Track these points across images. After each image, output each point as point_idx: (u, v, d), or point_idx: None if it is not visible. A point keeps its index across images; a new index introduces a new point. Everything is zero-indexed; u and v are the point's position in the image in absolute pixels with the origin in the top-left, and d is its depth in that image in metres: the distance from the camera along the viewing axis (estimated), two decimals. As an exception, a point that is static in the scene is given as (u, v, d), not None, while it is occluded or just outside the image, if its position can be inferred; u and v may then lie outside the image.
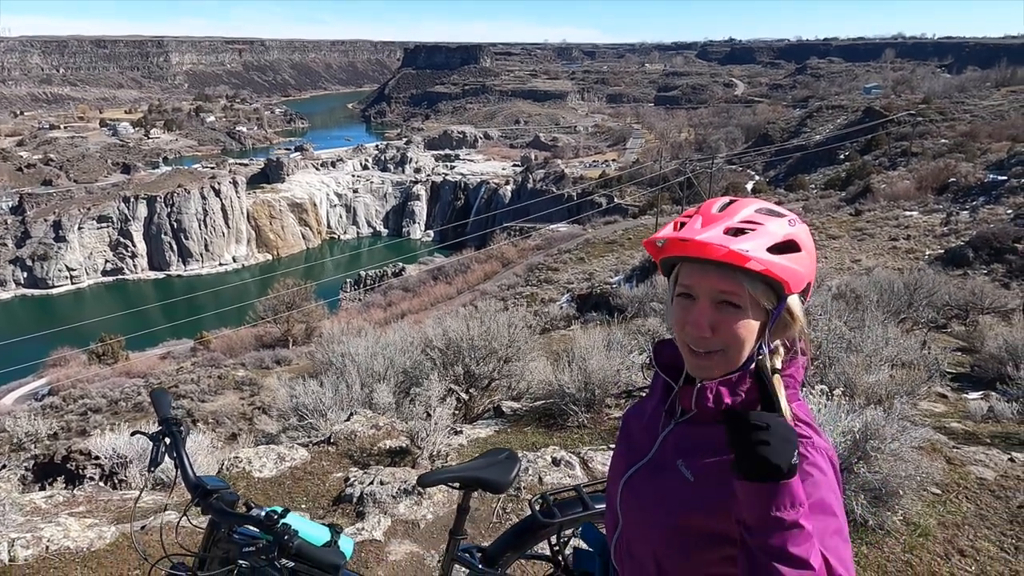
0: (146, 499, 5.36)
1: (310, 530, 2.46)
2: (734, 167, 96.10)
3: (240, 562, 2.39)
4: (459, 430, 6.63)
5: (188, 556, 2.55)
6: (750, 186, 75.78)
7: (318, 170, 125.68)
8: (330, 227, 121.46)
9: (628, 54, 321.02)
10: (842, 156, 79.66)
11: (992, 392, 8.11)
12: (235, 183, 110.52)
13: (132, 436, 6.32)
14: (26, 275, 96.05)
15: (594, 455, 5.65)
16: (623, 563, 1.79)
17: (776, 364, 1.57)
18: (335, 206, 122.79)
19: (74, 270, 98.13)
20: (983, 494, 5.01)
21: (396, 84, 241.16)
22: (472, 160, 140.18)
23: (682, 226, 1.59)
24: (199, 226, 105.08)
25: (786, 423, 1.38)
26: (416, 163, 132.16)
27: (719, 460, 1.54)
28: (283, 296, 39.65)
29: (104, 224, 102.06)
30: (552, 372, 7.85)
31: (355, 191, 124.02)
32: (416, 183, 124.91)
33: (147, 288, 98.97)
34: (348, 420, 6.57)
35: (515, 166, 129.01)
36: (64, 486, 6.18)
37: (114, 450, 6.41)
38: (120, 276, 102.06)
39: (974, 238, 25.61)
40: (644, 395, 1.91)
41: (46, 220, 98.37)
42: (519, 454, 3.87)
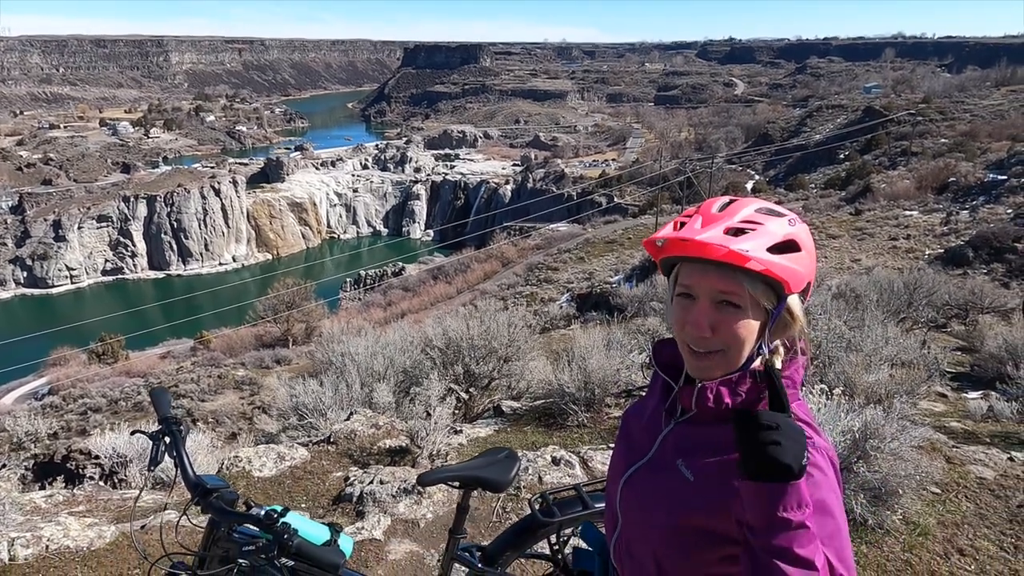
0: (146, 498, 5.36)
1: (310, 529, 2.46)
2: (734, 167, 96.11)
3: (240, 561, 2.39)
4: (459, 429, 6.63)
5: (188, 555, 2.55)
6: (750, 186, 75.75)
7: (318, 170, 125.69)
8: (330, 227, 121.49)
9: (628, 53, 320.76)
10: (842, 156, 79.66)
11: (992, 391, 8.10)
12: (235, 183, 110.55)
13: (132, 435, 6.36)
14: (26, 275, 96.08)
15: (594, 454, 5.65)
16: (623, 563, 1.78)
17: (776, 364, 1.57)
18: (335, 206, 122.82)
19: (74, 269, 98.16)
20: (983, 493, 5.01)
21: (396, 83, 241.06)
22: (472, 160, 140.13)
23: (682, 226, 1.58)
24: (199, 226, 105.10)
25: (796, 424, 1.38)
26: (416, 163, 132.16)
27: (720, 460, 1.54)
28: (283, 296, 39.64)
29: (104, 224, 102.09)
30: (552, 371, 7.85)
31: (355, 191, 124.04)
32: (416, 183, 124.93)
33: (147, 288, 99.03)
34: (348, 419, 6.57)
35: (515, 166, 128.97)
36: (64, 485, 6.18)
37: (114, 449, 6.41)
38: (120, 276, 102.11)
39: (974, 238, 25.61)
40: (644, 394, 1.91)
41: (46, 220, 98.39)
42: (519, 453, 3.87)
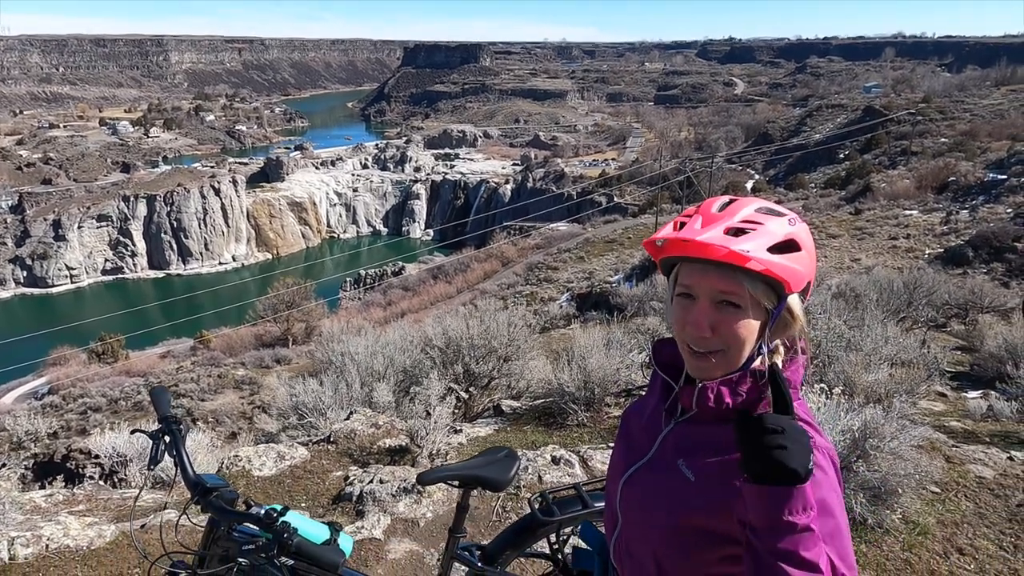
0: (146, 497, 5.36)
1: (310, 528, 2.46)
2: (734, 166, 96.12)
3: (240, 560, 2.39)
4: (459, 429, 6.63)
5: (188, 554, 2.55)
6: (750, 185, 75.73)
7: (318, 169, 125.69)
8: (330, 226, 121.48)
9: (628, 53, 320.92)
10: (842, 155, 79.68)
11: (991, 391, 8.10)
12: (235, 182, 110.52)
13: (132, 434, 6.38)
14: (26, 274, 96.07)
15: (594, 454, 5.65)
16: (622, 562, 1.78)
17: (776, 363, 1.57)
18: (335, 205, 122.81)
19: (74, 269, 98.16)
20: (982, 493, 5.01)
21: (396, 83, 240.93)
22: (472, 159, 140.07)
23: (682, 226, 1.58)
24: (199, 225, 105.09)
25: (800, 426, 1.37)
26: (416, 162, 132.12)
27: (720, 460, 1.53)
28: (283, 295, 39.62)
29: (104, 223, 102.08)
30: (552, 371, 7.85)
31: (355, 190, 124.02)
32: (416, 182, 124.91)
33: (147, 287, 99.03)
34: (348, 419, 6.57)
35: (515, 165, 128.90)
36: (64, 485, 6.18)
37: (114, 449, 6.41)
38: (120, 275, 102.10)
39: (974, 237, 25.61)
40: (644, 393, 1.90)
41: (46, 219, 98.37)
42: (518, 452, 3.87)
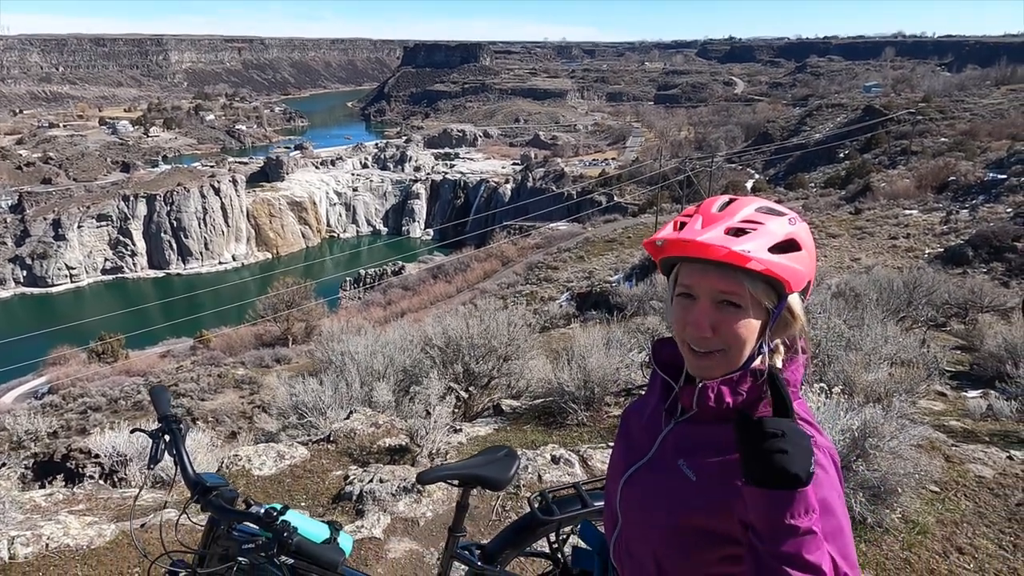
0: (146, 497, 5.36)
1: (309, 527, 2.46)
2: (734, 166, 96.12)
3: (240, 559, 2.39)
4: (458, 428, 6.63)
5: (188, 553, 2.55)
6: (750, 185, 75.71)
7: (318, 168, 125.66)
8: (330, 225, 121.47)
9: (628, 52, 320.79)
10: (842, 155, 79.68)
11: (991, 390, 8.09)
12: (235, 181, 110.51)
13: (132, 433, 6.38)
14: (26, 273, 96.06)
15: (593, 453, 5.65)
16: (622, 562, 1.78)
17: (777, 363, 1.57)
18: (335, 204, 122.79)
19: (74, 268, 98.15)
20: (982, 492, 5.02)
21: (396, 82, 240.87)
22: (472, 159, 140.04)
23: (682, 226, 1.58)
24: (199, 225, 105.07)
25: (800, 429, 1.37)
26: (416, 161, 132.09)
27: (721, 460, 1.53)
28: (283, 295, 39.64)
29: (104, 222, 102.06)
30: (551, 370, 7.85)
31: (355, 189, 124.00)
32: (416, 181, 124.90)
33: (147, 286, 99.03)
34: (348, 418, 6.57)
35: (515, 164, 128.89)
36: (64, 484, 6.18)
37: (114, 448, 6.41)
38: (120, 275, 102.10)
39: (974, 237, 25.62)
40: (644, 393, 1.90)
41: (45, 218, 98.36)
42: (518, 452, 3.87)
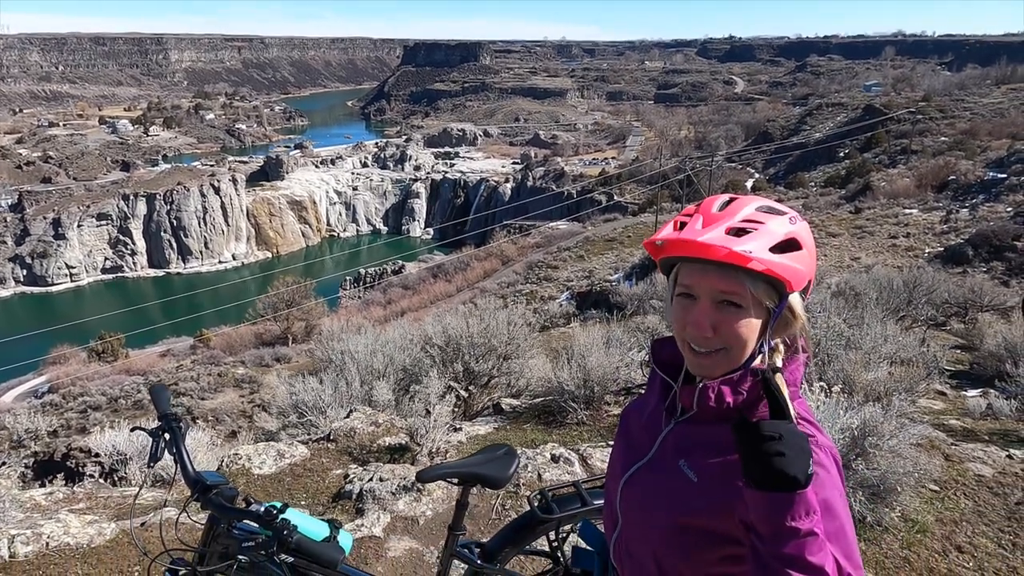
0: (146, 495, 5.36)
1: (309, 525, 2.46)
2: (734, 165, 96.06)
3: (239, 557, 2.39)
4: (458, 427, 6.63)
5: (188, 551, 2.55)
6: (750, 184, 75.67)
7: (318, 168, 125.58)
8: (330, 225, 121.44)
9: (628, 51, 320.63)
10: (842, 154, 79.67)
11: (991, 389, 8.10)
12: (234, 181, 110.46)
13: (132, 432, 6.38)
14: (26, 273, 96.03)
15: (593, 452, 5.66)
16: (622, 562, 1.77)
17: (777, 362, 1.56)
18: (335, 204, 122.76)
19: (74, 268, 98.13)
20: (981, 491, 5.02)
21: (396, 81, 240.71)
22: (472, 158, 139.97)
23: (682, 226, 1.57)
24: (199, 224, 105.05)
25: (798, 431, 1.36)
26: (416, 161, 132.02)
27: (722, 460, 1.52)
28: (283, 294, 39.65)
29: (103, 222, 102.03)
30: (551, 369, 7.85)
31: (355, 189, 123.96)
32: (416, 181, 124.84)
33: (147, 286, 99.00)
34: (347, 417, 6.57)
35: (515, 164, 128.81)
36: (64, 483, 6.18)
37: (114, 447, 6.41)
38: (120, 274, 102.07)
39: (973, 236, 25.64)
40: (643, 392, 1.89)
41: (45, 218, 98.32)
42: (518, 451, 3.87)
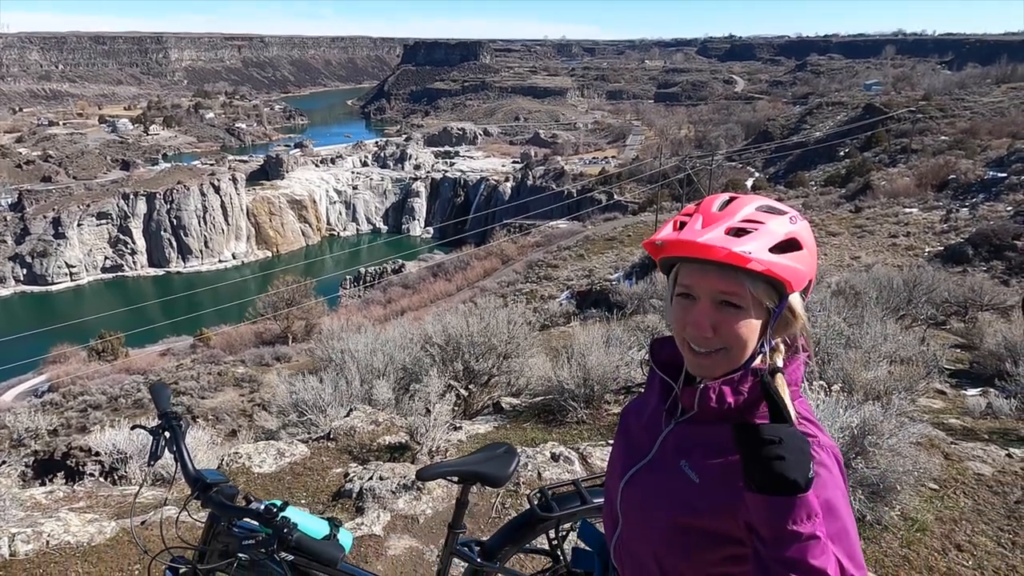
0: (146, 494, 5.37)
1: (309, 524, 2.47)
2: (734, 164, 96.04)
3: (240, 555, 2.39)
4: (458, 426, 6.63)
5: (188, 549, 2.56)
6: (750, 183, 75.68)
7: (318, 167, 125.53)
8: (330, 224, 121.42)
9: (628, 51, 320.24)
10: (842, 153, 79.67)
11: (991, 388, 8.10)
12: (235, 180, 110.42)
13: (132, 430, 6.39)
14: (25, 272, 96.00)
15: (593, 451, 5.66)
16: (623, 563, 1.77)
17: (777, 362, 1.56)
18: (335, 203, 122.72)
19: (73, 267, 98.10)
20: (981, 490, 5.03)
21: (396, 80, 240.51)
22: (472, 157, 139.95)
23: (682, 226, 1.56)
24: (199, 223, 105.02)
25: (798, 433, 1.35)
26: (416, 160, 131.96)
27: (724, 461, 1.52)
28: (283, 293, 39.65)
29: (103, 221, 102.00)
30: (551, 368, 7.86)
31: (355, 188, 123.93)
32: (416, 180, 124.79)
33: (147, 285, 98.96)
34: (348, 416, 6.58)
35: (515, 163, 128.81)
36: (64, 482, 6.18)
37: (114, 446, 6.41)
38: (120, 273, 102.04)
39: (974, 235, 25.65)
40: (643, 391, 1.88)
41: (45, 217, 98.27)
42: (518, 449, 3.88)
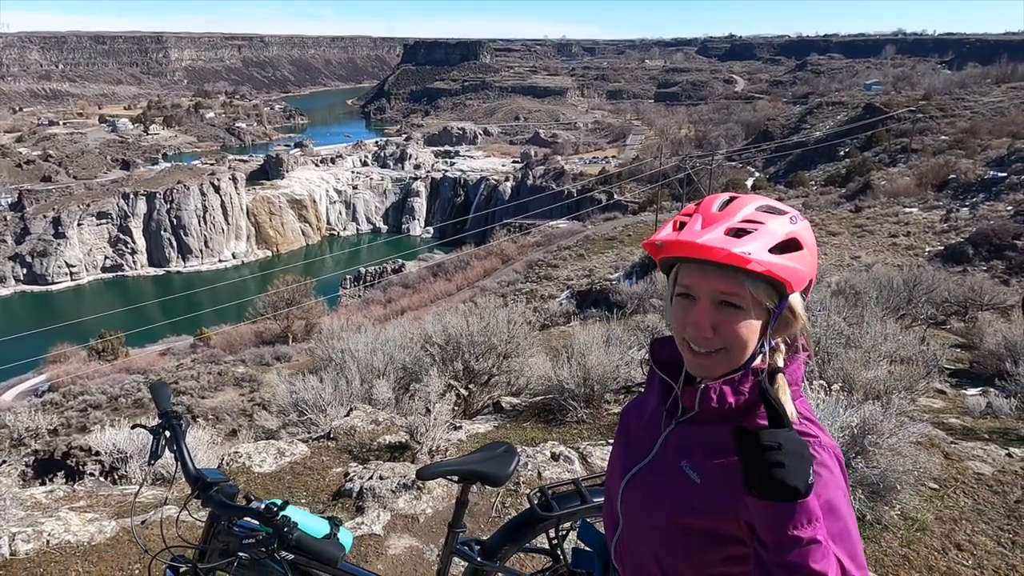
0: (146, 493, 5.37)
1: (310, 523, 2.47)
2: (734, 164, 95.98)
3: (240, 554, 2.39)
4: (458, 425, 6.64)
5: (188, 548, 2.56)
6: (750, 183, 75.65)
7: (318, 166, 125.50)
8: (330, 223, 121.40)
9: (628, 50, 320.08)
10: (842, 153, 79.63)
11: (991, 388, 8.11)
12: (235, 179, 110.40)
13: (132, 429, 6.39)
14: (26, 271, 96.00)
15: (593, 450, 5.66)
16: (623, 563, 1.77)
17: (778, 362, 1.56)
18: (335, 202, 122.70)
19: (74, 266, 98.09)
20: (980, 489, 5.03)
21: (396, 80, 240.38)
22: (472, 156, 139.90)
23: (682, 226, 1.56)
24: (199, 222, 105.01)
25: (797, 438, 1.35)
26: (416, 159, 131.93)
27: (725, 462, 1.51)
28: (283, 292, 39.65)
29: (103, 220, 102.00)
30: (551, 368, 7.86)
31: (355, 187, 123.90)
32: (416, 179, 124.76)
33: (147, 284, 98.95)
34: (348, 415, 6.58)
35: (515, 162, 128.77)
36: (64, 481, 6.18)
37: (114, 445, 6.41)
38: (120, 272, 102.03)
39: (974, 235, 25.67)
40: (643, 390, 1.88)
41: (45, 216, 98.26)
42: (518, 449, 3.88)
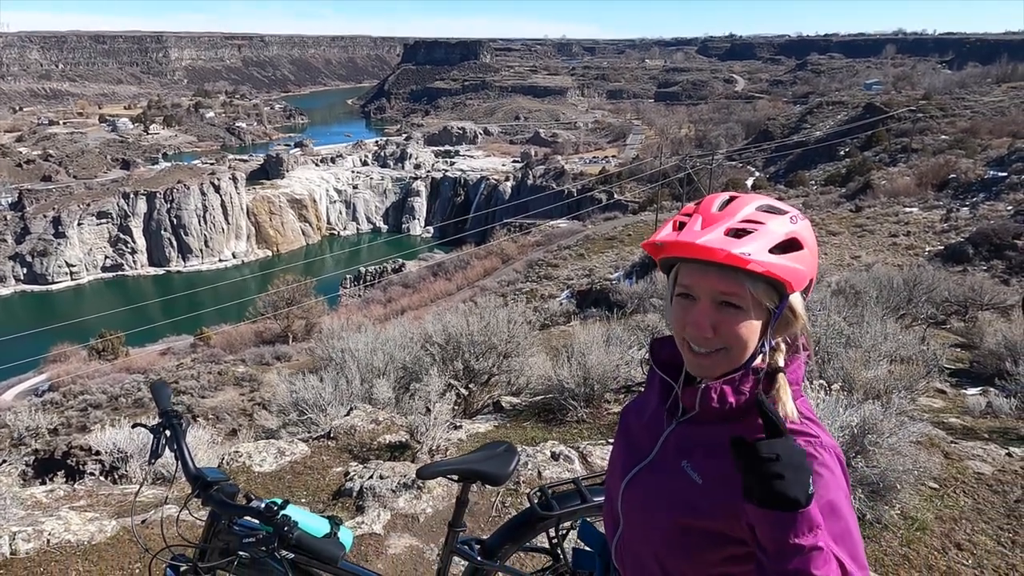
0: (146, 493, 5.37)
1: (310, 522, 2.47)
2: (734, 163, 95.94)
3: (240, 553, 2.39)
4: (458, 425, 6.64)
5: (189, 547, 2.56)
6: (750, 182, 75.65)
7: (318, 166, 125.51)
8: (330, 223, 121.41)
9: (628, 50, 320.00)
10: (842, 152, 79.60)
11: (991, 388, 8.12)
12: (235, 179, 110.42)
13: (133, 428, 6.39)
14: (26, 271, 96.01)
15: (593, 449, 5.67)
16: (624, 563, 1.77)
17: (778, 361, 1.56)
18: (335, 202, 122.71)
19: (74, 266, 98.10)
20: (980, 489, 5.03)
21: (396, 80, 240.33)
22: (472, 156, 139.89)
23: (682, 226, 1.56)
24: (199, 222, 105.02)
25: (796, 448, 1.35)
26: (416, 159, 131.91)
27: (726, 462, 1.50)
28: (283, 292, 39.66)
29: (104, 220, 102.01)
30: (551, 367, 7.87)
31: (355, 187, 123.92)
32: (416, 179, 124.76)
33: (147, 284, 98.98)
34: (348, 415, 6.58)
35: (515, 162, 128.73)
36: (65, 481, 6.18)
37: (114, 445, 6.41)
38: (120, 272, 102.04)
39: (974, 234, 25.67)
40: (643, 390, 1.88)
41: (45, 216, 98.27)
42: (518, 448, 3.88)
